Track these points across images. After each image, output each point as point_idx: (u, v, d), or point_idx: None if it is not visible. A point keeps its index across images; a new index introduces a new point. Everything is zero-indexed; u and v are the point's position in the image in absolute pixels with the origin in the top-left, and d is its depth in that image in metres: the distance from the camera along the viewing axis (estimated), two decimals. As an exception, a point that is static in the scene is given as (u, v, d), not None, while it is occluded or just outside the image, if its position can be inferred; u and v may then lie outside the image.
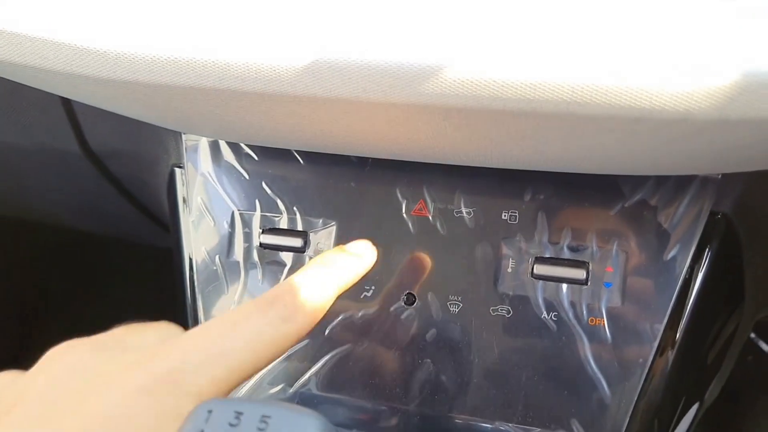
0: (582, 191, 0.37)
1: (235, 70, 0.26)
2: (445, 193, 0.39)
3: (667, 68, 0.23)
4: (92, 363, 0.24)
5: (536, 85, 0.24)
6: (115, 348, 0.26)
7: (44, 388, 0.24)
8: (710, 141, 0.26)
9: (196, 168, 0.42)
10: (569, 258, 0.37)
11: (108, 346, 0.26)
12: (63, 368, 0.24)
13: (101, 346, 0.26)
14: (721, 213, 0.37)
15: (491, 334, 0.38)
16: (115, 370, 0.24)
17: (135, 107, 0.34)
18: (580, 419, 0.37)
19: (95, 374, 0.24)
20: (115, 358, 0.25)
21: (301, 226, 0.41)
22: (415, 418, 0.39)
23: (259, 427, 0.19)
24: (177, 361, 0.24)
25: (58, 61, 0.29)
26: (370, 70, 0.25)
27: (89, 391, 0.23)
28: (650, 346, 0.37)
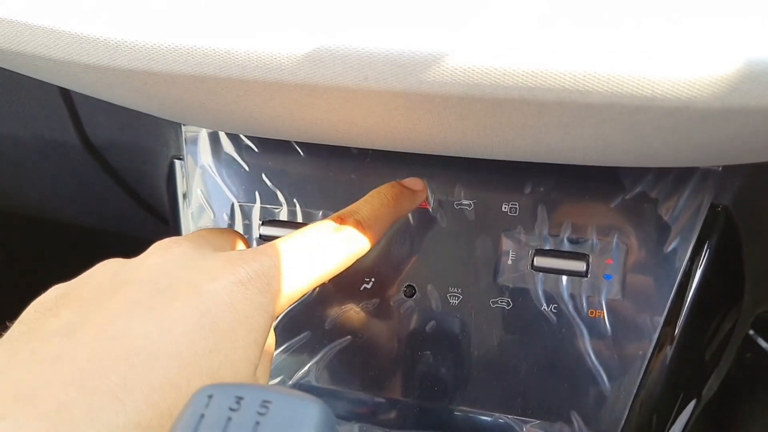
0: (582, 184, 0.37)
1: (236, 58, 0.26)
2: (446, 185, 0.39)
3: (669, 57, 0.23)
4: (195, 256, 0.29)
5: (538, 74, 0.24)
6: (207, 247, 0.30)
7: (156, 271, 0.28)
8: (711, 131, 0.26)
9: (196, 160, 0.42)
10: (569, 250, 0.37)
11: (202, 244, 0.30)
12: (171, 257, 0.29)
13: (198, 245, 0.30)
14: (722, 206, 0.37)
15: (491, 327, 0.38)
16: (216, 265, 0.28)
17: (135, 97, 0.34)
18: (579, 411, 0.37)
19: (199, 266, 0.28)
20: (214, 255, 0.29)
21: (301, 218, 0.41)
22: (414, 410, 0.39)
23: (260, 411, 0.19)
24: (265, 266, 0.28)
25: (57, 49, 0.28)
26: (371, 58, 0.25)
27: (197, 279, 0.27)
28: (649, 338, 0.37)
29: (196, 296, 0.26)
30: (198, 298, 0.26)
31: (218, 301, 0.26)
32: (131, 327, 0.25)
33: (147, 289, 0.26)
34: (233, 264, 0.28)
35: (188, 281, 0.27)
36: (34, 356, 0.23)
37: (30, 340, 0.25)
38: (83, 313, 0.26)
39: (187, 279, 0.27)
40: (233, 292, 0.27)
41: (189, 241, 0.30)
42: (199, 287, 0.27)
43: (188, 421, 0.19)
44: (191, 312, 0.26)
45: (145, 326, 0.25)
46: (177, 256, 0.29)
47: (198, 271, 0.28)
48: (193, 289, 0.27)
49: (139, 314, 0.25)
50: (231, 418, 0.19)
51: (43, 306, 0.27)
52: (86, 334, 0.24)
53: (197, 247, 0.30)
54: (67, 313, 0.26)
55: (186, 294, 0.26)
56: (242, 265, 0.28)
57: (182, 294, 0.26)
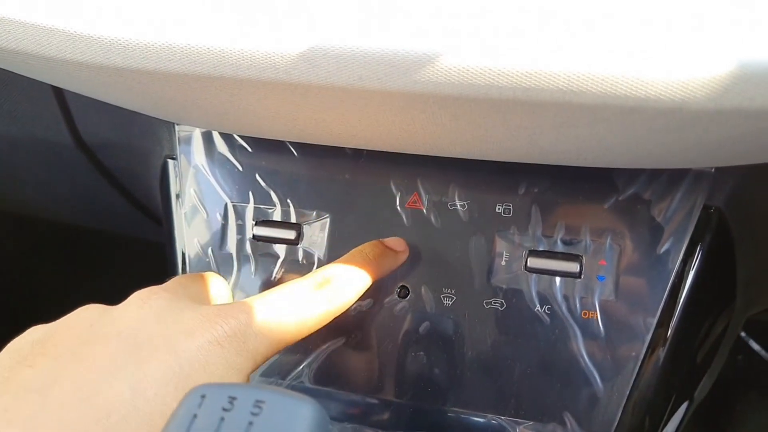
0: (576, 185, 0.37)
1: (230, 57, 0.26)
2: (440, 185, 0.39)
3: (662, 58, 0.23)
4: (173, 310, 0.29)
5: (532, 74, 0.24)
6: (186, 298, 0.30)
7: (133, 324, 0.28)
8: (704, 132, 0.27)
9: (189, 160, 0.42)
10: (563, 251, 0.37)
11: (180, 296, 0.30)
12: (150, 310, 0.29)
13: (177, 296, 0.30)
14: (714, 207, 0.37)
15: (484, 327, 0.38)
16: (193, 322, 0.28)
17: (128, 96, 0.34)
18: (572, 412, 0.37)
19: (177, 321, 0.28)
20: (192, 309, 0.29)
21: (295, 218, 0.41)
22: (407, 411, 0.39)
23: (253, 411, 0.19)
24: (243, 324, 0.28)
25: (51, 47, 0.28)
26: (366, 58, 0.25)
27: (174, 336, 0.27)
28: (642, 339, 0.37)
29: (171, 355, 0.26)
30: (172, 357, 0.26)
31: (192, 360, 0.26)
32: (104, 387, 0.25)
33: (123, 345, 0.27)
34: (210, 321, 0.28)
35: (165, 337, 0.27)
36: (7, 415, 0.23)
37: (2, 394, 0.25)
38: (58, 366, 0.26)
39: (163, 335, 0.27)
40: (209, 352, 0.27)
41: (167, 292, 0.30)
42: (175, 345, 0.27)
43: (181, 421, 0.19)
44: (165, 373, 0.26)
45: (119, 386, 0.25)
46: (155, 309, 0.29)
47: (175, 327, 0.28)
48: (169, 347, 0.27)
49: (114, 373, 0.25)
50: (224, 418, 0.19)
51: (19, 354, 0.27)
52: (60, 393, 0.24)
53: (175, 299, 0.30)
54: (42, 363, 0.26)
55: (161, 352, 0.26)
56: (219, 322, 0.28)
57: (158, 352, 0.26)
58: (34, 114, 0.47)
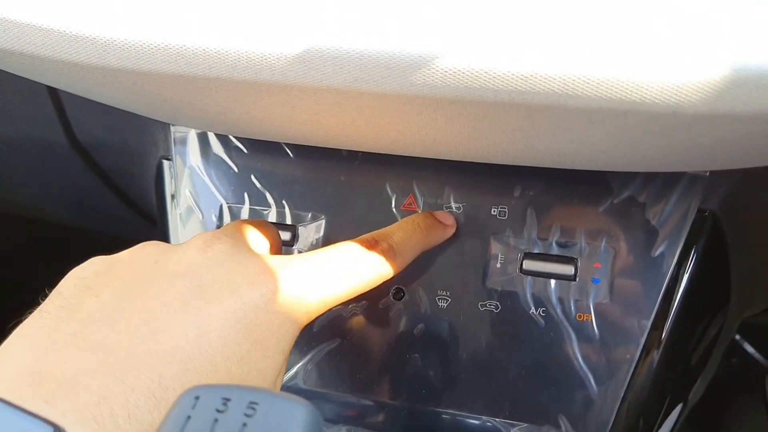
0: (571, 188, 0.38)
1: (226, 58, 0.26)
2: (435, 188, 0.39)
3: (658, 62, 0.23)
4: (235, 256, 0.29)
5: (527, 77, 0.24)
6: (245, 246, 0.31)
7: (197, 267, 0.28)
8: (699, 136, 0.27)
9: (185, 160, 0.42)
10: (558, 254, 0.37)
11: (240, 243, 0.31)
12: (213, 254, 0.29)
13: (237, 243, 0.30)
14: (709, 210, 0.37)
15: (479, 330, 0.38)
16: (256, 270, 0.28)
17: (124, 97, 0.34)
18: (567, 415, 0.37)
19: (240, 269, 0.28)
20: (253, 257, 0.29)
21: (290, 220, 0.41)
22: (402, 413, 0.39)
23: (247, 413, 0.19)
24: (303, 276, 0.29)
25: (46, 48, 0.28)
26: (362, 60, 0.25)
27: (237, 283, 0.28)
28: (637, 342, 0.37)
29: (235, 300, 0.27)
30: (236, 302, 0.27)
31: (255, 308, 0.27)
32: (170, 323, 0.25)
33: (188, 285, 0.27)
34: (273, 271, 0.29)
35: (228, 283, 0.28)
36: (76, 340, 0.24)
37: (71, 320, 0.25)
38: (124, 298, 0.26)
39: (227, 280, 0.28)
40: (270, 301, 0.28)
41: (229, 238, 0.31)
42: (239, 291, 0.27)
43: (174, 423, 0.19)
44: (228, 317, 0.26)
45: (184, 325, 0.25)
46: (219, 254, 0.29)
47: (238, 274, 0.28)
48: (233, 292, 0.27)
49: (179, 311, 0.26)
50: (218, 419, 0.19)
51: (83, 282, 0.28)
52: (126, 324, 0.25)
53: (237, 246, 0.30)
54: (107, 294, 0.27)
55: (225, 297, 0.27)
56: (281, 273, 0.29)
57: (222, 296, 0.27)
58: (29, 114, 0.47)
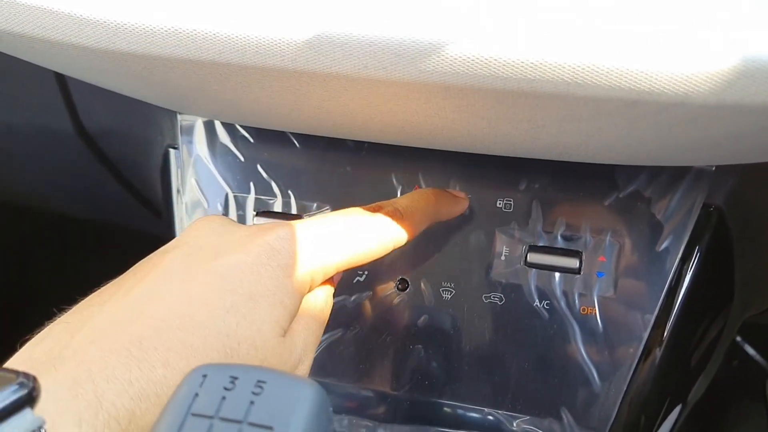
0: (577, 181, 0.38)
1: (236, 43, 0.26)
2: (441, 179, 0.39)
3: (666, 51, 0.23)
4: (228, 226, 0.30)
5: (537, 65, 0.24)
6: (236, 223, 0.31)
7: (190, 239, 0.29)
8: (706, 128, 0.27)
9: (191, 149, 0.42)
10: (563, 247, 0.37)
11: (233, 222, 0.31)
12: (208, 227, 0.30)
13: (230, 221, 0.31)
14: (714, 206, 0.37)
15: (483, 322, 0.38)
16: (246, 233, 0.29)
17: (132, 83, 0.34)
18: (569, 408, 0.37)
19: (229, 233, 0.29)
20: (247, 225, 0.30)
21: (296, 210, 0.41)
22: (405, 403, 0.39)
23: (254, 391, 0.19)
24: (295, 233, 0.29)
25: (56, 31, 0.28)
26: (371, 46, 0.25)
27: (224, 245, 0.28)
28: (640, 336, 0.37)
29: (218, 259, 0.28)
30: (219, 261, 0.27)
31: (240, 263, 0.27)
32: (153, 291, 0.26)
33: (177, 256, 0.28)
34: (263, 230, 0.29)
35: (215, 246, 0.28)
36: (68, 326, 0.26)
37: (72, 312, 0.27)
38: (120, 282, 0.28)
39: (214, 244, 0.29)
40: (258, 255, 0.28)
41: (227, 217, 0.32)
42: (224, 251, 0.28)
43: (182, 400, 0.19)
44: (209, 275, 0.27)
45: (166, 289, 0.26)
46: (214, 226, 0.30)
47: (227, 238, 0.29)
48: (218, 254, 0.28)
49: (165, 279, 0.27)
50: (225, 397, 0.19)
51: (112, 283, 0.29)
52: (115, 301, 0.26)
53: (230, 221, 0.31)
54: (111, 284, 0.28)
55: (210, 258, 0.28)
56: (271, 231, 0.29)
57: (207, 258, 0.28)
58: (36, 101, 0.47)
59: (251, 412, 0.18)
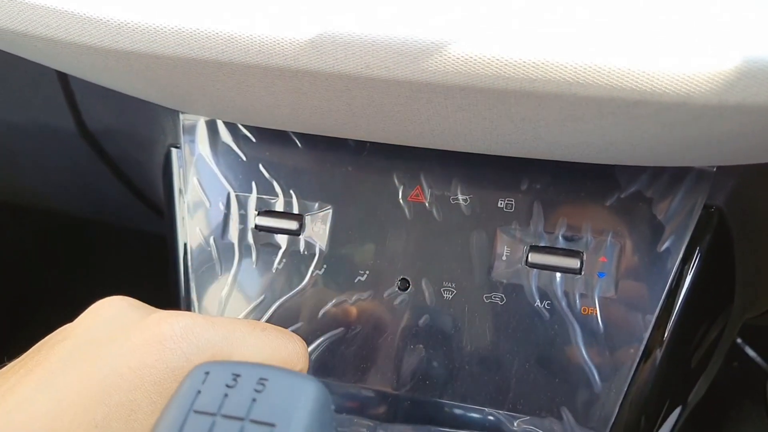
0: (578, 181, 0.38)
1: (239, 42, 0.26)
2: (442, 179, 0.39)
3: (668, 52, 0.23)
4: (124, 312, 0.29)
5: (539, 65, 0.24)
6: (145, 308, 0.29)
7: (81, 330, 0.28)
8: (708, 128, 0.27)
9: (193, 148, 0.42)
10: (564, 247, 0.38)
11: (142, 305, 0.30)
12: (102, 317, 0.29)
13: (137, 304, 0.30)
14: (715, 206, 0.37)
15: (484, 322, 0.38)
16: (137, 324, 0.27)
17: (135, 82, 0.34)
18: (570, 408, 0.37)
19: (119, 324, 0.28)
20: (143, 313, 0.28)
21: (297, 209, 0.41)
22: (405, 403, 0.39)
23: (256, 388, 0.19)
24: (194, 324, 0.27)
25: (60, 30, 0.28)
26: (373, 46, 0.25)
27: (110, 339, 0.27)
28: (641, 337, 0.37)
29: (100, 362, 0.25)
30: (100, 364, 0.25)
31: (122, 367, 0.25)
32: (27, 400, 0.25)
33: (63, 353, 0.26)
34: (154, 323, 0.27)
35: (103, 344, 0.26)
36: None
37: None
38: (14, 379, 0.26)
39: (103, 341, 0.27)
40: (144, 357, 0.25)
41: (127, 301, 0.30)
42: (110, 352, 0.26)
43: (185, 397, 0.19)
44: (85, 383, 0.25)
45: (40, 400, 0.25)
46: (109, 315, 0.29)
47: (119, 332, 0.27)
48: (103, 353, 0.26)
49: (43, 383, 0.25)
50: (227, 394, 0.19)
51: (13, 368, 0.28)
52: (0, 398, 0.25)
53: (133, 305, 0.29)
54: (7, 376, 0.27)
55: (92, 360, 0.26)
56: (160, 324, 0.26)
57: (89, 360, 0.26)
58: (38, 100, 0.47)
59: (253, 409, 0.18)
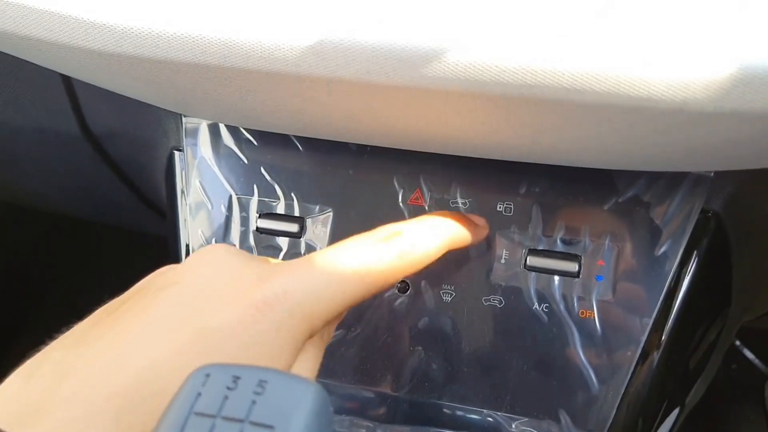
0: (577, 186, 0.38)
1: (240, 47, 0.27)
2: (442, 183, 0.40)
3: (665, 58, 0.23)
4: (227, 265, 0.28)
5: (537, 71, 0.24)
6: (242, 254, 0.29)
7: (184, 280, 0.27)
8: (705, 134, 0.27)
9: (195, 151, 0.43)
10: (562, 251, 0.38)
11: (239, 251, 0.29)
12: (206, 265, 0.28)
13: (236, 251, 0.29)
14: (712, 211, 0.37)
15: (483, 324, 0.39)
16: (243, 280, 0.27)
17: (138, 86, 0.34)
18: (567, 410, 0.37)
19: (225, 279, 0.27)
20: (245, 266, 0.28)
21: (298, 212, 0.41)
22: (404, 404, 0.39)
23: (256, 391, 0.19)
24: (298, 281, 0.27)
25: (63, 34, 0.29)
26: (374, 52, 0.25)
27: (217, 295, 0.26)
28: (638, 339, 0.37)
29: (212, 313, 0.26)
30: (212, 315, 0.26)
31: (234, 320, 0.25)
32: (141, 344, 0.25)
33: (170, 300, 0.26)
34: (261, 280, 0.27)
35: (212, 294, 0.26)
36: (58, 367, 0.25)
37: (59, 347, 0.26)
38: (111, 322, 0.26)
39: (211, 291, 0.26)
40: (254, 310, 0.26)
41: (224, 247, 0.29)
42: (221, 303, 0.26)
43: (185, 399, 0.19)
44: (200, 332, 0.25)
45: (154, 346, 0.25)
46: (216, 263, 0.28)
47: (227, 283, 0.27)
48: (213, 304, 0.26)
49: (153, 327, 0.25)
50: (227, 396, 0.19)
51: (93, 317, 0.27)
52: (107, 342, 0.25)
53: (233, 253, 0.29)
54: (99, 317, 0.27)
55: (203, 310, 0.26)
56: (274, 279, 0.27)
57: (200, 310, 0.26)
58: (42, 103, 0.47)
59: (253, 411, 0.19)
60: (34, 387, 0.24)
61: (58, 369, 0.24)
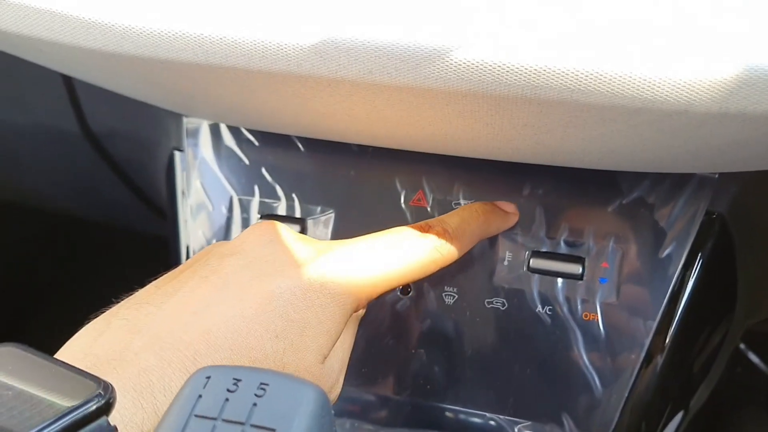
0: (580, 187, 0.38)
1: (242, 47, 0.27)
2: (444, 184, 0.39)
3: (670, 60, 0.23)
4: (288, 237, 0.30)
5: (541, 72, 0.24)
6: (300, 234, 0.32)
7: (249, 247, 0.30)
8: (709, 136, 0.27)
9: (196, 152, 0.42)
10: (565, 253, 0.38)
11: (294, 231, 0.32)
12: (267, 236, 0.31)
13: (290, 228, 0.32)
14: (717, 213, 0.37)
15: (485, 327, 0.38)
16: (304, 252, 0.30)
17: (139, 86, 0.34)
18: (570, 413, 0.37)
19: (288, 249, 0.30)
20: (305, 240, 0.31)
21: (300, 213, 0.41)
22: (406, 407, 0.39)
23: (257, 393, 0.19)
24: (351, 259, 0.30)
25: (65, 34, 0.29)
26: (376, 52, 0.25)
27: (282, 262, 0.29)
28: (642, 342, 0.37)
29: (276, 280, 0.28)
30: (274, 282, 0.28)
31: (296, 287, 0.28)
32: (211, 303, 0.27)
33: (234, 264, 0.29)
34: (320, 253, 0.30)
35: (270, 262, 0.29)
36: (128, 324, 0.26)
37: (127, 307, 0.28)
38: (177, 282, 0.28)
39: (269, 260, 0.29)
40: (313, 281, 0.28)
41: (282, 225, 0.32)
42: (283, 271, 0.28)
43: (186, 401, 0.19)
44: (266, 296, 0.27)
45: (224, 304, 0.27)
46: (271, 236, 0.30)
47: (281, 255, 0.29)
48: (272, 272, 0.28)
49: (222, 289, 0.28)
50: (228, 399, 0.19)
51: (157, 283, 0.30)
52: (172, 307, 0.27)
53: (288, 230, 0.31)
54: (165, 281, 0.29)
55: (267, 276, 0.28)
56: (328, 254, 0.30)
57: (264, 276, 0.28)
58: (42, 103, 0.47)
59: (254, 413, 0.18)
60: (106, 341, 0.26)
61: (128, 326, 0.26)
